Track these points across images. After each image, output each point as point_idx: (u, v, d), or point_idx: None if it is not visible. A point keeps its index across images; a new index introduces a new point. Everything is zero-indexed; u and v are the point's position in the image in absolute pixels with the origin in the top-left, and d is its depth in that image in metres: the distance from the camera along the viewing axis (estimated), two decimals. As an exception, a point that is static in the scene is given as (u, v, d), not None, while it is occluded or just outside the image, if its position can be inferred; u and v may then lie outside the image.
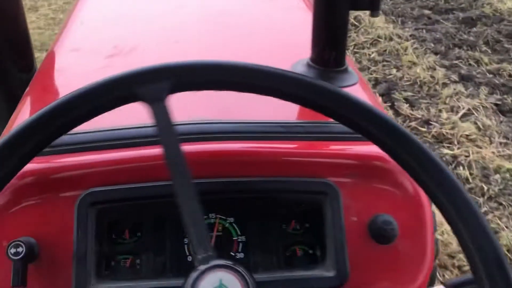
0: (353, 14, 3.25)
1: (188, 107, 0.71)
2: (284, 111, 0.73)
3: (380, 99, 2.57)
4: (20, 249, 0.59)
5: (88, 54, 0.95)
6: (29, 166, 0.50)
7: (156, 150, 0.63)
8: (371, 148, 0.64)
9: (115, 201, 0.64)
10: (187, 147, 0.61)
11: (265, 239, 0.66)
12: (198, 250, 0.46)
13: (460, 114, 2.39)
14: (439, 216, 0.56)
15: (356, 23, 3.35)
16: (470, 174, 2.04)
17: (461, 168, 2.08)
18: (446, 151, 2.18)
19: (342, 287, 0.63)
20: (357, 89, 0.82)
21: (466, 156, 2.13)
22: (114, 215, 0.65)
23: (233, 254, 0.66)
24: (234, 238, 0.66)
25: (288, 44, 0.96)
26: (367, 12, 0.77)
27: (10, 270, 0.58)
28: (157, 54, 0.92)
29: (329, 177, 0.65)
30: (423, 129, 2.31)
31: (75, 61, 0.94)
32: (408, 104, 2.49)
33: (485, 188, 1.97)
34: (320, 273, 0.64)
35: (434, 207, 0.57)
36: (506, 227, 1.81)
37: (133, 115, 0.63)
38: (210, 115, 0.72)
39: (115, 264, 0.65)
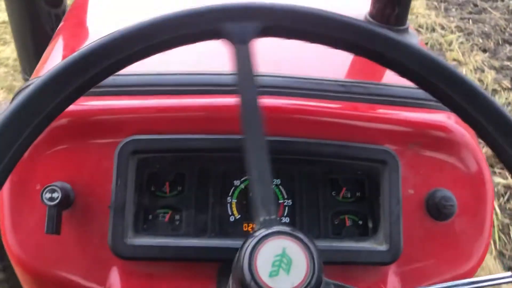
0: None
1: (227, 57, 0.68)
2: (342, 69, 0.69)
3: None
4: (55, 195, 0.56)
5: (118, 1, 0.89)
6: (69, 108, 0.44)
7: (206, 100, 0.61)
8: (436, 117, 0.62)
9: (158, 151, 0.60)
10: (236, 100, 0.56)
11: (313, 205, 0.63)
12: (261, 211, 0.42)
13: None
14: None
15: (393, 7, 3.03)
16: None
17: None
18: (498, 179, 1.89)
19: (393, 263, 0.59)
20: None
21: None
22: (155, 166, 0.61)
23: (278, 218, 0.59)
24: (280, 201, 0.63)
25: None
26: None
27: (45, 216, 0.56)
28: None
29: (388, 144, 0.62)
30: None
31: (104, 8, 0.88)
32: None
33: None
34: (371, 245, 0.60)
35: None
36: None
37: (183, 61, 0.59)
38: (264, 67, 0.64)
39: (153, 218, 0.62)
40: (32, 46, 1.16)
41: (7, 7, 1.12)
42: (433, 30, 2.80)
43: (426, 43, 2.68)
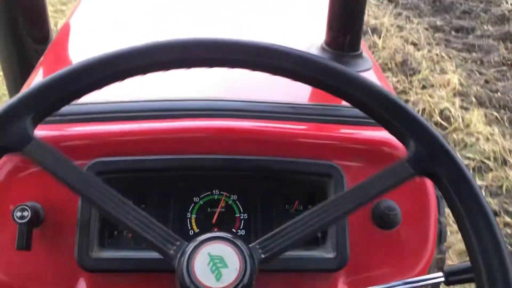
0: (438, 105, 2.27)
1: (197, 83, 0.74)
2: (292, 93, 0.74)
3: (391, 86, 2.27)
4: (25, 213, 0.59)
5: (102, 28, 0.98)
6: (39, 133, 0.51)
7: (160, 124, 0.66)
8: (378, 134, 0.66)
9: (121, 171, 0.64)
10: (196, 123, 0.65)
11: (268, 218, 0.67)
12: (168, 247, 0.47)
13: None
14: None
15: (444, 122, 2.18)
16: None
17: None
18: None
19: (341, 270, 0.63)
20: (371, 74, 0.82)
21: None
22: (119, 185, 0.63)
23: (234, 231, 0.67)
24: (236, 216, 0.67)
25: (301, 28, 0.97)
26: (457, 104, 0.81)
27: (15, 233, 0.59)
28: (169, 29, 0.95)
29: (334, 160, 0.66)
30: None
31: (89, 34, 0.96)
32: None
33: None
34: (319, 254, 0.63)
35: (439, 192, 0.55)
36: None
37: (139, 89, 0.65)
38: (220, 93, 0.73)
39: (117, 234, 0.66)
40: (19, 78, 1.19)
41: None
42: (505, 162, 1.92)
43: (500, 187, 1.87)
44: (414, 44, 2.98)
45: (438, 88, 2.53)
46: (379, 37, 3.10)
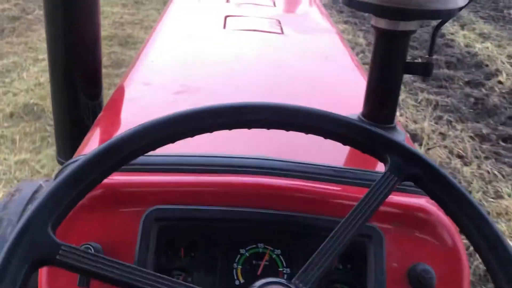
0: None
1: (247, 142, 0.82)
2: (337, 156, 0.82)
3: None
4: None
5: (156, 90, 1.04)
6: (105, 180, 0.56)
7: (214, 178, 0.73)
8: (415, 200, 0.72)
9: (176, 219, 0.70)
10: (246, 179, 0.73)
11: None
12: None
13: None
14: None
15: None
16: None
17: None
18: None
19: None
20: None
21: None
22: (173, 232, 0.70)
23: None
24: (279, 269, 0.71)
25: (340, 99, 1.05)
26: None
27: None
28: (218, 96, 1.01)
29: (374, 222, 0.69)
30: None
31: (144, 95, 1.03)
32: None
33: None
34: None
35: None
36: None
37: (194, 143, 0.66)
38: (271, 151, 0.79)
39: (173, 277, 0.68)
40: (69, 133, 1.28)
41: (52, 98, 1.27)
42: None
43: None
44: (461, 157, 2.70)
45: (496, 218, 2.22)
46: (420, 145, 2.84)
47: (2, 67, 3.51)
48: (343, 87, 1.12)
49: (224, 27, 1.37)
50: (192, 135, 0.58)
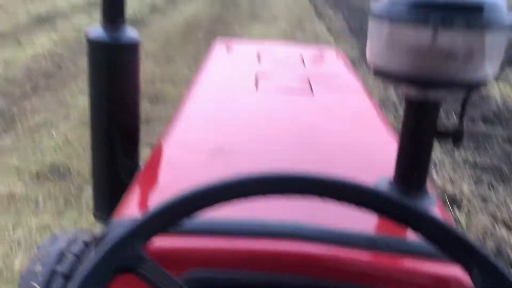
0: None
1: (288, 205, 0.78)
2: (368, 224, 0.81)
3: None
4: None
5: (193, 152, 1.07)
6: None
7: (251, 243, 0.75)
8: (449, 269, 0.70)
9: (215, 283, 0.72)
10: (284, 244, 0.74)
11: None
12: None
13: None
14: None
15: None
16: None
17: None
18: None
19: None
20: (436, 211, 0.86)
21: None
22: None
23: None
24: None
25: (371, 162, 1.06)
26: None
27: None
28: (253, 160, 1.05)
29: None
30: None
31: (181, 157, 1.06)
32: None
33: None
34: None
35: None
36: None
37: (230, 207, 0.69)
38: (307, 216, 0.79)
39: None
40: (108, 190, 1.32)
41: (92, 155, 1.32)
42: None
43: None
44: (507, 226, 2.51)
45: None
46: (459, 208, 2.66)
47: (33, 123, 3.55)
48: (373, 150, 1.14)
49: (256, 89, 1.43)
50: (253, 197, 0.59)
